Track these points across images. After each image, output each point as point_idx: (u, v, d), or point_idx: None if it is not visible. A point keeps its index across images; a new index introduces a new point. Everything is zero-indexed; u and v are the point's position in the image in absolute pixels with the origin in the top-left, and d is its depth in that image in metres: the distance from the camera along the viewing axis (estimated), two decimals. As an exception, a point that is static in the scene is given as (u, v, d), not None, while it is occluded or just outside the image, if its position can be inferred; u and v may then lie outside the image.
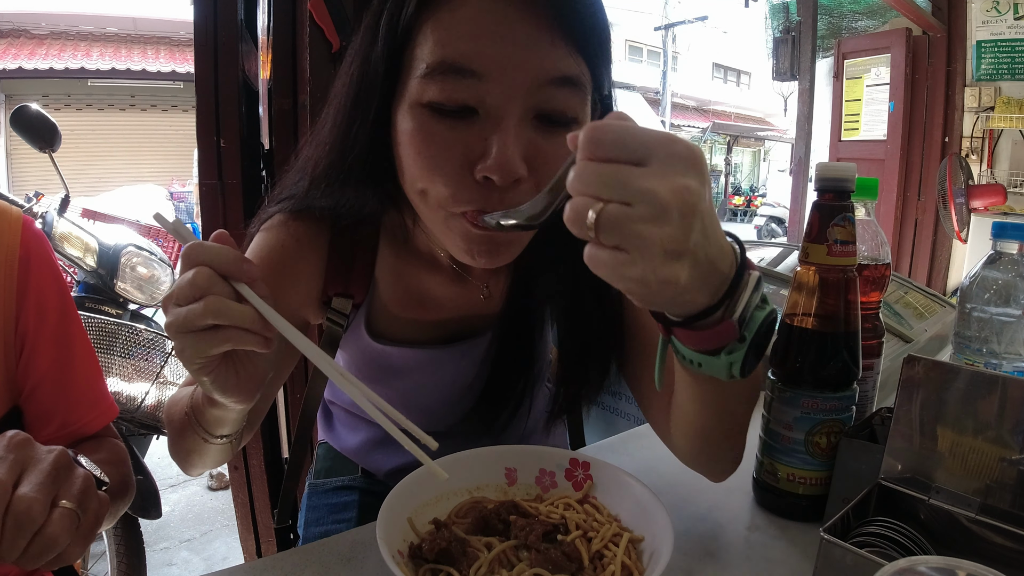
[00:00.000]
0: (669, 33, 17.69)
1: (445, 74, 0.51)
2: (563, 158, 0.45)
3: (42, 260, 0.70)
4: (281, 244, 0.68)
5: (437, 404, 0.78)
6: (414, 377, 0.76)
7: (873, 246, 0.70)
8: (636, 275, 0.37)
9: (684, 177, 0.36)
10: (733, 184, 20.37)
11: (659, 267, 0.36)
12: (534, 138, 0.53)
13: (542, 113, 0.52)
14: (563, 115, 0.53)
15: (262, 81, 1.41)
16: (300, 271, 0.69)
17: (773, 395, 0.64)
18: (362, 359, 0.76)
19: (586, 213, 0.36)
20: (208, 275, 0.44)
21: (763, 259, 1.93)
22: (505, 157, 0.50)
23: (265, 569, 0.55)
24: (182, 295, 0.44)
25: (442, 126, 0.52)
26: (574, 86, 0.53)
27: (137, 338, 1.79)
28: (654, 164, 0.36)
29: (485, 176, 0.51)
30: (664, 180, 0.36)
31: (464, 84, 0.51)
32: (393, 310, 0.73)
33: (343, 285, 0.70)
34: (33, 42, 9.41)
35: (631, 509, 0.56)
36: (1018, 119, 3.88)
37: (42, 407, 0.70)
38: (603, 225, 0.36)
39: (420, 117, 0.53)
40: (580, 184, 0.37)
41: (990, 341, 0.67)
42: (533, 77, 0.51)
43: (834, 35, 4.64)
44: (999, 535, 0.48)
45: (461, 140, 0.52)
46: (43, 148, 1.80)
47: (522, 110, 0.52)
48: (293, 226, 0.69)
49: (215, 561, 2.16)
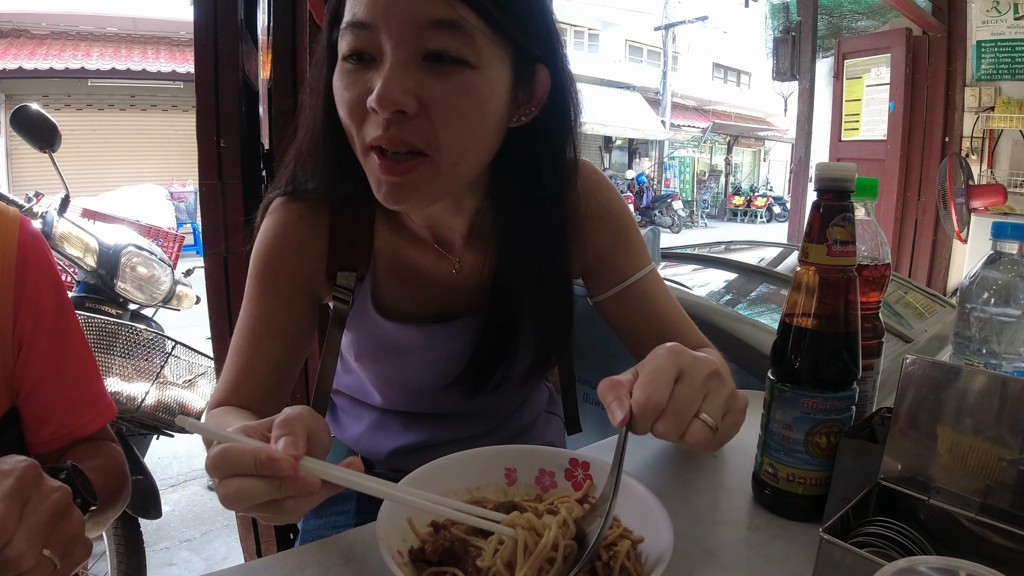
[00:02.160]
0: (669, 33, 17.69)
1: (348, 28, 0.60)
2: (451, 97, 0.59)
3: (39, 261, 0.70)
4: (285, 221, 0.75)
5: (431, 382, 0.82)
6: (412, 355, 0.81)
7: (873, 246, 0.70)
8: (712, 449, 0.57)
9: (710, 374, 0.55)
10: (733, 184, 20.38)
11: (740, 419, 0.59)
12: (423, 78, 0.59)
13: (427, 54, 0.59)
14: (446, 54, 0.59)
15: (262, 81, 1.41)
16: (307, 245, 0.76)
17: (773, 395, 0.64)
18: (366, 337, 0.81)
19: (707, 426, 0.53)
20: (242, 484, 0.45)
21: (763, 259, 1.93)
22: (385, 89, 0.57)
23: (265, 569, 0.55)
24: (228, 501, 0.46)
25: (352, 74, 0.61)
26: (453, 28, 0.58)
27: (137, 338, 1.79)
28: (684, 377, 0.53)
29: (372, 108, 0.58)
30: (695, 383, 0.54)
31: (361, 35, 0.59)
32: (392, 283, 0.79)
33: (346, 259, 0.76)
34: (33, 42, 9.41)
35: (631, 509, 0.56)
36: (1018, 119, 3.88)
37: (39, 408, 0.69)
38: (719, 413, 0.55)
39: (340, 71, 0.62)
40: (683, 415, 0.53)
41: (990, 341, 0.67)
42: (412, 22, 0.58)
43: (834, 35, 4.64)
44: (999, 535, 0.48)
45: (361, 82, 0.60)
46: (43, 148, 1.80)
47: (408, 52, 0.58)
48: (294, 205, 0.76)
49: (215, 561, 2.16)
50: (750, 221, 18.01)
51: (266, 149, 1.41)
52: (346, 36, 0.60)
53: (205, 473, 2.75)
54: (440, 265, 0.79)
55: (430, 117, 0.60)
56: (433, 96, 0.59)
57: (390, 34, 0.58)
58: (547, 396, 1.04)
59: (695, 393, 0.53)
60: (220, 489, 0.44)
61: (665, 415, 0.52)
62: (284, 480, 0.44)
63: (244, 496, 0.44)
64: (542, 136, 0.70)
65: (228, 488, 0.44)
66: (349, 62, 0.61)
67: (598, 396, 0.55)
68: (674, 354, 0.54)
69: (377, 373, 0.85)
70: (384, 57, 0.59)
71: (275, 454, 0.44)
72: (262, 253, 0.76)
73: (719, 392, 0.54)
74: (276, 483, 0.44)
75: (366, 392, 0.90)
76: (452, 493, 0.59)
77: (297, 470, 0.44)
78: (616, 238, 0.83)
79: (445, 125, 0.60)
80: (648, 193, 15.71)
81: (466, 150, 0.63)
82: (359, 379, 0.90)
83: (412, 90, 0.58)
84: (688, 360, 0.54)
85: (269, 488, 0.44)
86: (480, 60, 0.60)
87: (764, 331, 1.20)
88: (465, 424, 0.89)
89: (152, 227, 2.86)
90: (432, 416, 0.89)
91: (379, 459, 0.91)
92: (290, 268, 0.75)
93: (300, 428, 0.47)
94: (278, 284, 0.75)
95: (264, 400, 0.74)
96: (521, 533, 0.50)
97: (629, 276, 0.83)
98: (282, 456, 0.44)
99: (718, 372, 0.55)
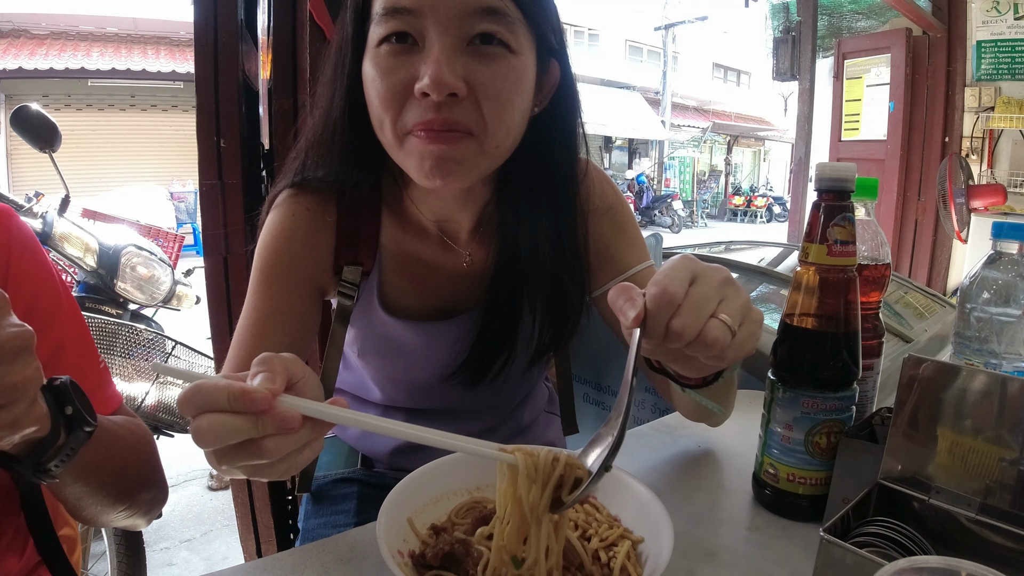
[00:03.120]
0: (669, 33, 17.69)
1: (388, 15, 0.61)
2: (497, 80, 0.62)
3: (26, 256, 0.66)
4: (293, 214, 0.75)
5: (433, 376, 0.83)
6: (415, 351, 0.81)
7: (873, 246, 0.70)
8: (731, 357, 0.52)
9: (725, 279, 0.52)
10: (733, 184, 20.37)
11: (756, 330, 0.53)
12: (468, 62, 0.61)
13: (472, 39, 0.61)
14: (491, 39, 0.62)
15: (262, 81, 1.41)
16: (314, 238, 0.75)
17: (773, 395, 0.64)
18: (370, 333, 0.81)
19: (725, 325, 0.50)
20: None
21: (763, 259, 1.93)
22: (438, 73, 0.59)
23: (265, 569, 0.55)
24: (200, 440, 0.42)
25: (391, 59, 0.62)
26: (498, 15, 0.61)
27: (137, 338, 1.80)
28: (699, 279, 0.50)
29: (424, 92, 0.60)
30: (711, 284, 0.51)
31: (404, 20, 0.61)
32: (398, 278, 0.79)
33: (352, 253, 0.76)
34: (33, 42, 9.41)
35: (631, 509, 0.56)
36: (1018, 119, 3.88)
37: None
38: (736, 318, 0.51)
39: (376, 57, 0.63)
40: (700, 312, 0.49)
41: (990, 341, 0.67)
42: (461, 8, 0.60)
43: (834, 35, 4.64)
44: (999, 535, 0.48)
45: (404, 67, 0.61)
46: (43, 148, 1.80)
47: (454, 38, 0.61)
48: (302, 198, 0.75)
49: (215, 561, 2.16)
50: (750, 221, 18.00)
51: (266, 149, 1.41)
52: (387, 21, 0.61)
53: (205, 473, 2.75)
54: (447, 258, 0.79)
55: (476, 99, 0.62)
56: (480, 79, 0.62)
57: (437, 19, 0.60)
58: (547, 396, 1.04)
59: (712, 292, 0.50)
60: (192, 426, 0.41)
61: (681, 311, 0.49)
62: (260, 416, 0.41)
63: (217, 431, 0.40)
64: (551, 127, 0.73)
65: (200, 423, 0.40)
66: (388, 45, 0.62)
67: (608, 303, 0.52)
68: (687, 259, 0.52)
69: (379, 369, 0.85)
70: (428, 42, 0.61)
71: (249, 387, 0.41)
72: (268, 246, 0.75)
73: (735, 297, 0.52)
74: (252, 419, 0.41)
75: (367, 389, 0.90)
76: (452, 493, 0.59)
77: (273, 404, 0.41)
78: (615, 232, 0.84)
79: (491, 107, 0.63)
80: (648, 193, 15.70)
81: (508, 132, 0.66)
82: (360, 376, 0.90)
83: (461, 73, 0.61)
84: (702, 266, 0.52)
85: (245, 424, 0.40)
86: (519, 47, 0.64)
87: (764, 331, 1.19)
88: (466, 422, 0.90)
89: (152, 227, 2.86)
90: (433, 413, 0.89)
91: (381, 457, 0.91)
92: (297, 261, 0.75)
93: (279, 365, 0.44)
94: (284, 277, 0.75)
95: None
96: (520, 457, 0.48)
97: (628, 269, 0.84)
98: (256, 388, 0.41)
99: (733, 281, 0.53)
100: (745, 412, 0.89)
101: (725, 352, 0.50)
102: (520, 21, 0.64)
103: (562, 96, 0.73)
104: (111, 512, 0.66)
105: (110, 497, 0.64)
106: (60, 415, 0.52)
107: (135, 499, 0.66)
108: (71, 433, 0.52)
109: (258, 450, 0.42)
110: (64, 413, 0.52)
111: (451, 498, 0.59)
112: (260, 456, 0.42)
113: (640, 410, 1.28)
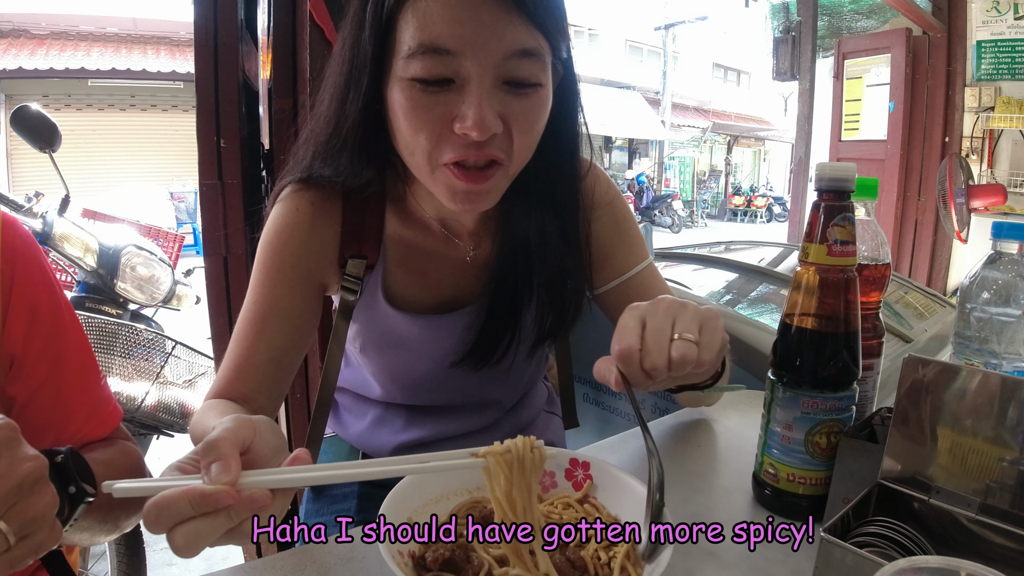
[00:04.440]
0: (669, 33, 17.68)
1: (425, 54, 0.61)
2: (529, 115, 0.65)
3: (29, 264, 0.65)
4: (297, 209, 0.76)
5: (435, 369, 0.84)
6: (417, 344, 0.82)
7: (873, 246, 0.70)
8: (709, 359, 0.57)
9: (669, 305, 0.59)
10: (733, 184, 20.37)
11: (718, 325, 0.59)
12: (504, 99, 0.64)
13: (509, 80, 0.63)
14: (526, 80, 0.64)
15: (262, 81, 1.41)
16: (319, 231, 0.76)
17: (773, 395, 0.64)
18: (374, 327, 0.82)
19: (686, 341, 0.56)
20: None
21: (763, 259, 1.93)
22: (480, 116, 0.61)
23: (265, 569, 0.55)
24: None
25: (425, 95, 0.62)
26: (534, 56, 0.63)
27: (137, 338, 1.79)
28: (647, 317, 0.59)
29: (465, 132, 0.62)
30: (657, 315, 0.59)
31: (442, 60, 0.61)
32: (401, 271, 0.80)
33: (357, 246, 0.77)
34: (33, 42, 9.41)
35: (631, 509, 0.56)
36: (1018, 119, 3.88)
37: (36, 421, 0.65)
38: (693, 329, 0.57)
39: (407, 90, 0.63)
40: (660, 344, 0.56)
41: (990, 341, 0.67)
42: (499, 51, 0.61)
43: (834, 35, 4.64)
44: (999, 535, 0.48)
45: (441, 105, 0.62)
46: (43, 148, 1.80)
47: (492, 79, 0.62)
48: (307, 192, 0.76)
49: (215, 561, 2.16)
50: (750, 221, 17.99)
51: (266, 149, 1.41)
52: (424, 59, 0.61)
53: (205, 473, 2.76)
54: (450, 252, 0.81)
55: (509, 132, 0.65)
56: (513, 115, 0.64)
57: (477, 61, 0.61)
58: (546, 395, 1.04)
59: (662, 322, 0.57)
60: (169, 542, 0.41)
61: (645, 353, 0.56)
62: (230, 508, 0.41)
63: (194, 540, 0.40)
64: (553, 125, 0.74)
65: (176, 539, 0.40)
66: (423, 84, 0.62)
67: (595, 378, 0.60)
68: (632, 308, 0.60)
69: (381, 364, 0.86)
70: (466, 82, 0.62)
71: (207, 489, 0.40)
72: (272, 239, 0.76)
73: (684, 313, 0.58)
74: (223, 513, 0.41)
75: (368, 386, 0.90)
76: (452, 493, 0.59)
77: (237, 495, 0.41)
78: (616, 230, 0.86)
79: (520, 138, 0.66)
80: (648, 193, 15.69)
81: (529, 156, 0.70)
82: (360, 373, 0.90)
83: (498, 111, 0.63)
84: (646, 305, 0.60)
85: (217, 521, 0.41)
86: (546, 80, 0.66)
87: (764, 331, 1.20)
88: (466, 418, 0.90)
89: (152, 227, 2.86)
90: (433, 410, 0.89)
91: (382, 456, 0.91)
92: (301, 254, 0.75)
93: (227, 447, 0.43)
94: (287, 270, 0.75)
95: (262, 390, 0.73)
96: (491, 459, 0.49)
97: (629, 268, 0.86)
98: (214, 488, 0.41)
99: (676, 300, 0.60)
100: (745, 412, 0.89)
101: (701, 358, 0.56)
102: (548, 54, 0.66)
103: (564, 94, 0.74)
104: (96, 541, 0.67)
105: (100, 536, 0.64)
106: (65, 495, 0.52)
107: (120, 525, 0.66)
108: (75, 508, 0.54)
109: (239, 533, 0.43)
110: (68, 493, 0.53)
111: (451, 498, 0.59)
112: (243, 536, 0.43)
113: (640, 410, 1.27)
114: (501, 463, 0.49)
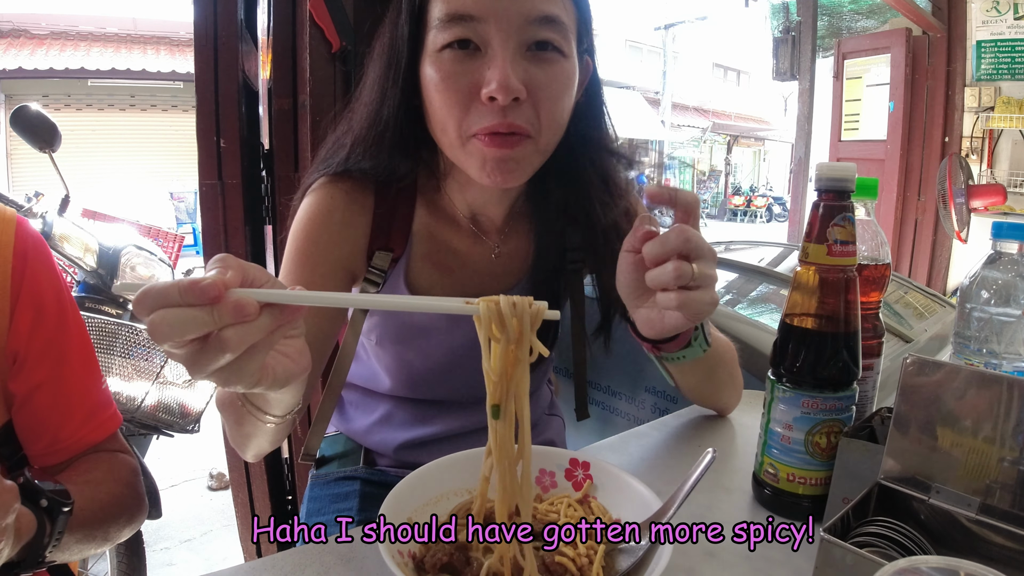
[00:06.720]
0: (669, 33, 17.67)
1: (452, 21, 0.65)
2: (554, 84, 0.67)
3: (39, 263, 0.66)
4: (331, 197, 0.77)
5: (448, 362, 0.85)
6: (435, 338, 0.83)
7: (873, 246, 0.70)
8: (708, 299, 0.60)
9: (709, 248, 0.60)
10: (733, 184, 20.37)
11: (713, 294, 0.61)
12: (528, 67, 0.66)
13: (532, 45, 0.66)
14: (549, 46, 0.66)
15: (262, 81, 1.41)
16: (353, 221, 0.78)
17: (773, 395, 0.64)
18: (391, 320, 0.83)
19: (688, 270, 0.58)
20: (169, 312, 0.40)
21: (763, 259, 1.93)
22: (504, 77, 0.63)
23: (265, 569, 0.55)
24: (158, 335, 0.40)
25: (454, 64, 0.66)
26: (556, 23, 0.66)
27: (137, 338, 1.79)
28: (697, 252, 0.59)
29: (491, 97, 0.64)
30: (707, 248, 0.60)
31: (467, 26, 0.65)
32: (426, 266, 0.81)
33: (385, 239, 0.79)
34: (33, 42, 9.40)
35: (631, 509, 0.56)
36: (1018, 119, 3.88)
37: (35, 419, 0.66)
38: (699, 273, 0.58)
39: (437, 62, 0.67)
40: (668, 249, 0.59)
41: (990, 341, 0.67)
42: (521, 16, 0.64)
43: (834, 35, 4.64)
44: (999, 535, 0.48)
45: (468, 72, 0.65)
46: (43, 148, 1.80)
47: (516, 44, 0.65)
48: (341, 184, 0.78)
49: (215, 561, 2.16)
50: (750, 221, 17.98)
51: (266, 149, 1.41)
52: (449, 27, 0.65)
53: (205, 473, 2.74)
54: (476, 249, 0.82)
55: (534, 102, 0.67)
56: (538, 83, 0.66)
57: (500, 27, 0.64)
58: (548, 399, 1.04)
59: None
60: (147, 323, 0.40)
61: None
62: (215, 306, 0.40)
63: (171, 324, 0.39)
64: (583, 120, 0.77)
65: (154, 318, 0.39)
66: (451, 51, 0.65)
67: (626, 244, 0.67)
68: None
69: (396, 356, 0.86)
70: (491, 48, 0.65)
71: (198, 278, 0.40)
72: (305, 226, 0.76)
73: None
74: (207, 310, 0.40)
75: (377, 380, 0.90)
76: (453, 492, 0.59)
77: (225, 294, 0.40)
78: (629, 226, 0.86)
79: (547, 109, 0.68)
80: (648, 193, 15.67)
81: (559, 130, 0.71)
82: (370, 367, 0.91)
83: (522, 78, 0.65)
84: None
85: (199, 315, 0.39)
86: (569, 51, 0.69)
87: (764, 331, 1.20)
88: (473, 414, 0.90)
89: (152, 227, 2.86)
90: (441, 404, 0.89)
91: (386, 452, 0.91)
92: (335, 242, 0.77)
93: (234, 262, 0.43)
94: (319, 258, 0.76)
95: None
96: (483, 306, 0.46)
97: None
98: (206, 279, 0.40)
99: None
100: (745, 412, 0.89)
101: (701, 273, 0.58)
102: (571, 26, 0.69)
103: (593, 89, 0.77)
104: (88, 554, 0.68)
105: (91, 549, 0.64)
106: (40, 511, 0.53)
107: (109, 536, 0.67)
108: (54, 521, 0.54)
109: (219, 344, 0.40)
110: (40, 507, 0.53)
111: (451, 498, 0.59)
112: (223, 349, 0.41)
113: (640, 410, 1.28)
114: (493, 311, 0.47)
